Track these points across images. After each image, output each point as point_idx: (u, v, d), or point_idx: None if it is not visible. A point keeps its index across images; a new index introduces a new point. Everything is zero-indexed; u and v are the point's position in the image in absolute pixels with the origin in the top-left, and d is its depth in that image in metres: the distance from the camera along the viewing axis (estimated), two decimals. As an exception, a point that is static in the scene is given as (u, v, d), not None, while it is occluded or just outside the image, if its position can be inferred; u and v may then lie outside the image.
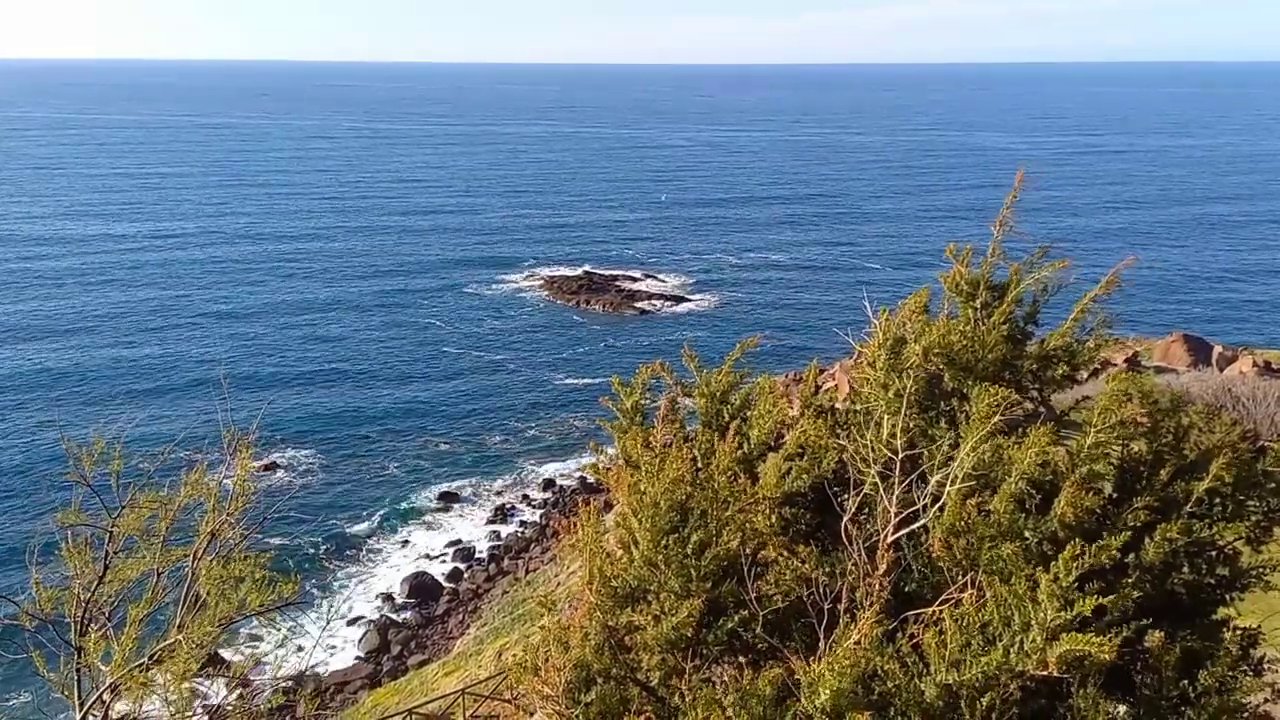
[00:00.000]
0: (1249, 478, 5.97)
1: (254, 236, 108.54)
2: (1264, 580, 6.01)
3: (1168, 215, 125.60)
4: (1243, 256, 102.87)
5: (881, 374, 6.62)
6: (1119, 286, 6.96)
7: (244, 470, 9.63)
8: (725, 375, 7.62)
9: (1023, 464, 5.64)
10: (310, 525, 45.15)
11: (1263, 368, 49.67)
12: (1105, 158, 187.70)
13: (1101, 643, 4.48)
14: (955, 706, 4.76)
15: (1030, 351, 6.90)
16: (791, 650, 5.50)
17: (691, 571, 5.78)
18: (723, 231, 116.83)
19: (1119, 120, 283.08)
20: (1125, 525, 5.46)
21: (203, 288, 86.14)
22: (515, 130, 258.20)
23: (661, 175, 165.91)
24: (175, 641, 8.84)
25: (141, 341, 70.78)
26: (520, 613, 34.71)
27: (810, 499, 6.66)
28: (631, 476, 6.70)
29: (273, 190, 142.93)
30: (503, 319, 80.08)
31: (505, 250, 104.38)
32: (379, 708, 30.41)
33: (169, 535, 9.56)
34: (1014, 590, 4.88)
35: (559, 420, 58.55)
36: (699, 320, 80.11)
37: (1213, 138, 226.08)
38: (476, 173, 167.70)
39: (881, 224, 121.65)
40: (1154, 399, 6.18)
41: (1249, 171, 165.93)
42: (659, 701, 5.71)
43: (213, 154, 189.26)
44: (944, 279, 7.19)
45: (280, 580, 9.25)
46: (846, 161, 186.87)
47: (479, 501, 49.15)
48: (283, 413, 58.02)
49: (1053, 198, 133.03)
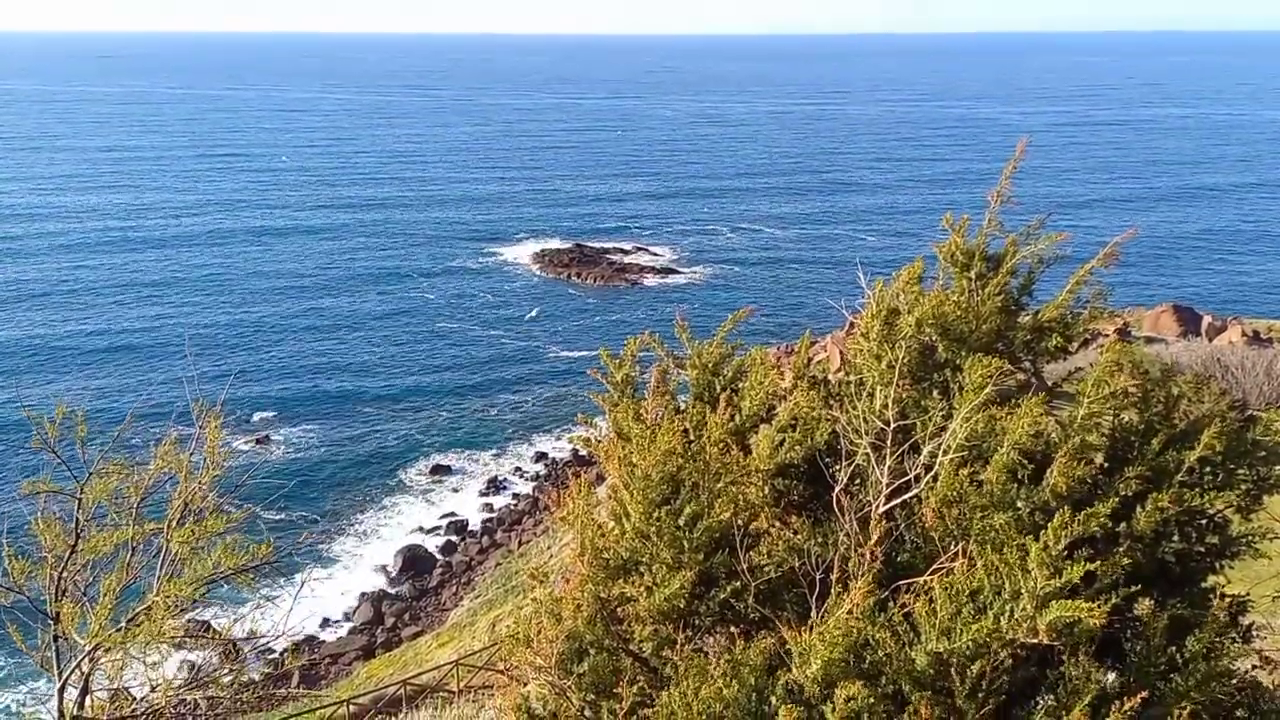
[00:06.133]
0: (1239, 447, 5.99)
1: (239, 211, 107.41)
2: (1253, 548, 6.04)
3: (1157, 185, 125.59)
4: (1232, 226, 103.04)
5: (874, 345, 6.60)
6: (1118, 259, 6.95)
7: (214, 439, 9.66)
8: (717, 347, 7.60)
9: (1015, 434, 5.65)
10: (303, 499, 45.22)
11: (1251, 337, 49.88)
12: (1097, 129, 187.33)
13: (1091, 609, 4.50)
14: (946, 675, 4.78)
15: (1024, 323, 6.90)
16: (783, 620, 5.52)
17: (684, 543, 5.79)
18: (715, 203, 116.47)
19: (1108, 91, 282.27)
20: (1116, 494, 5.48)
21: (186, 263, 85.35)
22: (506, 102, 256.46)
23: (652, 146, 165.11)
24: (152, 603, 8.89)
25: (120, 315, 70.46)
26: (513, 584, 34.87)
27: (803, 470, 6.67)
28: (623, 449, 6.70)
29: (258, 164, 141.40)
30: (494, 292, 79.90)
31: (497, 223, 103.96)
32: (374, 679, 30.59)
33: (141, 506, 9.59)
34: (1005, 559, 4.91)
35: (551, 393, 58.58)
36: (691, 292, 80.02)
37: (1203, 107, 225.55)
38: (467, 145, 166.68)
39: (876, 195, 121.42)
40: (1145, 369, 6.19)
41: (1240, 141, 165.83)
42: (651, 672, 5.73)
43: (194, 127, 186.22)
44: (939, 249, 7.16)
45: (253, 543, 9.30)
46: (839, 132, 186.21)
47: (472, 474, 49.23)
48: (275, 387, 57.98)
49: (1045, 166, 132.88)
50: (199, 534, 9.48)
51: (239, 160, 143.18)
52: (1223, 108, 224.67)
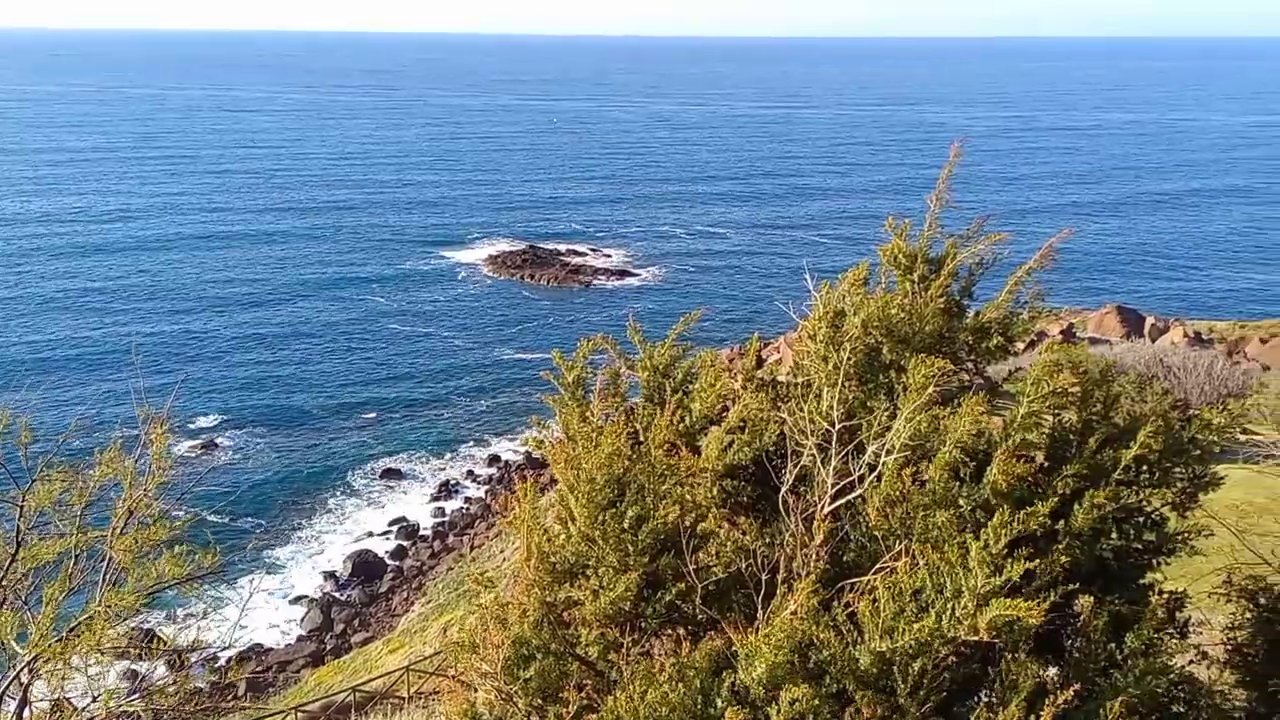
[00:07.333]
0: (1176, 445, 6.09)
1: (185, 215, 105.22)
2: (1189, 545, 6.15)
3: (1104, 190, 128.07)
4: (1176, 229, 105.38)
5: (821, 346, 6.63)
6: (1054, 260, 7.04)
7: (159, 445, 9.47)
8: (668, 349, 7.59)
9: (957, 434, 5.70)
10: (251, 504, 44.56)
11: (1193, 338, 51.07)
12: (1046, 134, 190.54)
13: (1030, 607, 4.55)
14: (888, 673, 4.81)
15: (966, 324, 6.96)
16: (730, 622, 5.52)
17: (629, 546, 5.77)
18: (669, 205, 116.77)
19: (1062, 95, 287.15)
20: (1055, 492, 5.55)
21: (130, 269, 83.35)
22: (458, 102, 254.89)
23: (606, 149, 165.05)
24: (94, 613, 8.70)
25: (62, 323, 68.83)
26: (465, 589, 34.64)
27: (751, 471, 6.68)
28: (571, 451, 6.66)
29: (203, 164, 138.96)
30: (446, 294, 79.38)
31: (448, 225, 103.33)
32: (322, 686, 30.20)
33: (85, 513, 9.40)
34: (946, 558, 4.95)
35: (504, 395, 58.32)
36: (645, 294, 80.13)
37: (1151, 113, 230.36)
38: (418, 146, 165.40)
39: (829, 199, 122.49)
40: (1084, 369, 6.27)
41: (1183, 148, 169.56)
42: (598, 676, 5.70)
43: (138, 127, 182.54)
44: (882, 252, 7.21)
45: (199, 551, 9.14)
46: (793, 136, 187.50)
47: (423, 478, 48.86)
48: (224, 394, 57.08)
49: (995, 172, 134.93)
50: (142, 542, 9.29)
51: (185, 162, 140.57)
52: (1171, 113, 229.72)
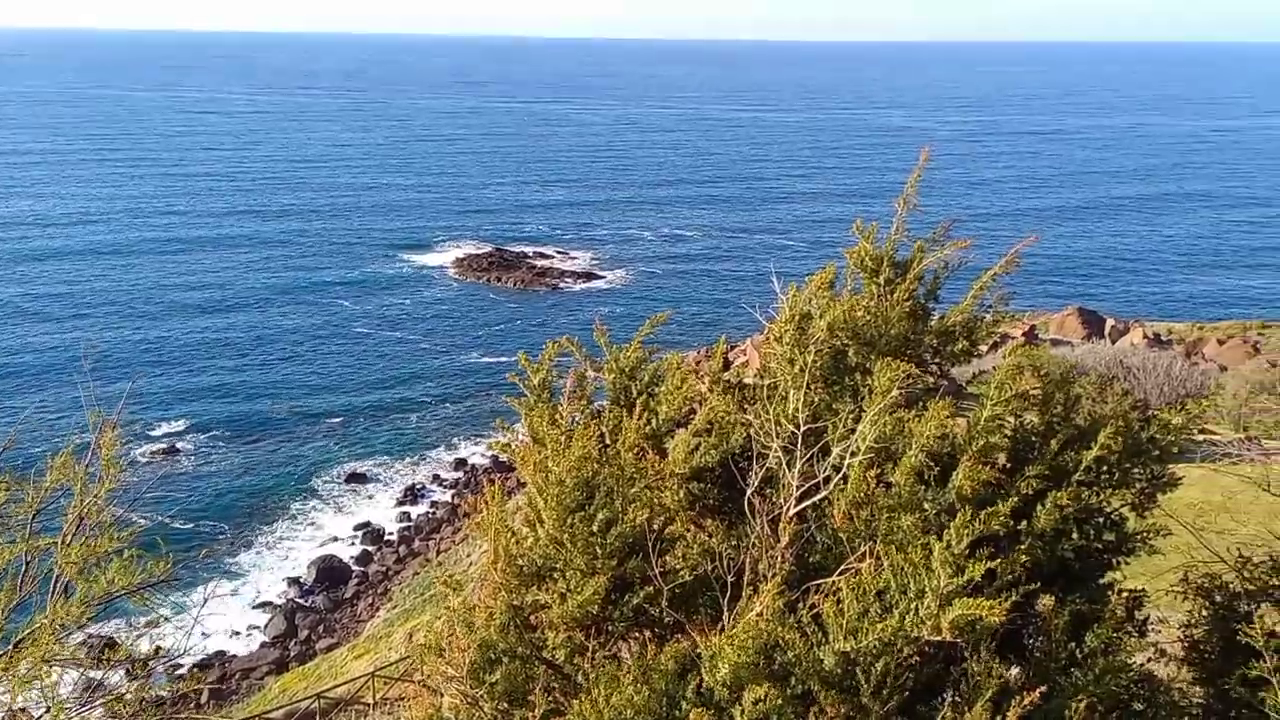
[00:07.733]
0: (1135, 446, 6.19)
1: (142, 219, 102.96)
2: (1148, 545, 6.25)
3: (1066, 194, 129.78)
4: (1136, 233, 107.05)
5: (787, 349, 6.67)
6: (1019, 264, 7.12)
7: (109, 449, 9.31)
8: (634, 351, 7.59)
9: (922, 436, 5.75)
10: (215, 510, 44.04)
11: (1153, 339, 51.87)
12: (1012, 138, 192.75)
13: (992, 606, 4.60)
14: (852, 673, 4.84)
15: (931, 327, 7.03)
16: (697, 624, 5.54)
17: (597, 549, 5.77)
18: (635, 208, 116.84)
19: (1028, 100, 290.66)
20: (1017, 493, 5.62)
21: (87, 275, 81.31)
22: (423, 104, 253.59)
23: (572, 151, 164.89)
24: (40, 625, 8.55)
25: (15, 330, 67.57)
26: (431, 594, 34.43)
27: (718, 474, 6.70)
28: (538, 454, 6.65)
29: (162, 168, 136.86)
30: (412, 297, 78.90)
31: (414, 228, 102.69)
32: (286, 693, 29.88)
33: (34, 521, 9.22)
34: (910, 559, 4.99)
35: (470, 398, 58.04)
36: (611, 296, 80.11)
37: (1115, 118, 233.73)
38: (382, 149, 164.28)
39: (795, 202, 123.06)
40: (1046, 371, 6.35)
41: (1144, 152, 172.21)
42: (564, 679, 5.69)
43: (94, 129, 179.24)
44: (849, 255, 7.25)
45: (150, 559, 8.99)
46: (763, 139, 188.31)
47: (388, 482, 48.50)
48: (184, 399, 56.31)
49: (960, 176, 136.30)
50: (92, 550, 9.12)
51: (142, 165, 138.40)
52: (1129, 118, 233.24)
